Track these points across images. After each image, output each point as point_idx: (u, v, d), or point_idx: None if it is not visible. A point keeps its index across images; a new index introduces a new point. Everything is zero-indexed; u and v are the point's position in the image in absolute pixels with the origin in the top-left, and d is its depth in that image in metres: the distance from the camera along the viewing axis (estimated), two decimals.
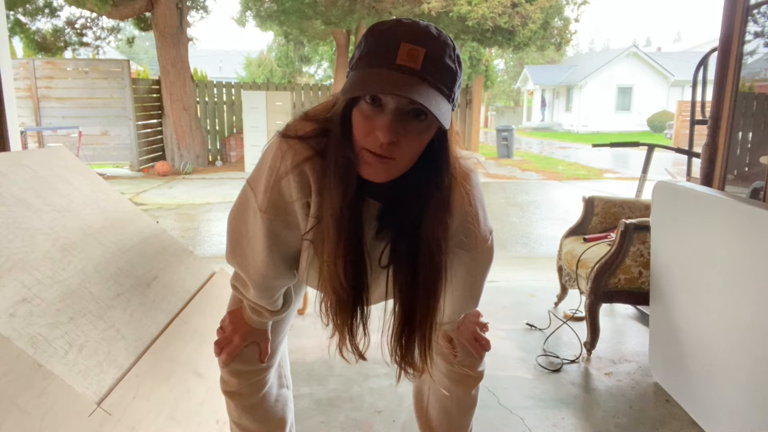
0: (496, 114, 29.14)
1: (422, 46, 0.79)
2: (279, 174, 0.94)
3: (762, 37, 2.39)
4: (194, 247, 4.51)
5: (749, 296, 1.51)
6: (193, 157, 9.73)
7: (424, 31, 0.81)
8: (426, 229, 0.91)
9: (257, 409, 1.19)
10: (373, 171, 0.85)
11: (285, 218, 0.98)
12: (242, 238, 1.04)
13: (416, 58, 0.79)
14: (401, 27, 0.81)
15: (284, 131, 0.95)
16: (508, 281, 3.37)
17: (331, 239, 0.91)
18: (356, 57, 0.84)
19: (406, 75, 0.78)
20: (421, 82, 0.79)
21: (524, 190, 8.02)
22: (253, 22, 11.89)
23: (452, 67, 0.82)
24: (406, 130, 0.82)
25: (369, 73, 0.80)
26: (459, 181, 0.93)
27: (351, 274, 0.93)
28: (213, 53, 31.41)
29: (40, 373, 1.13)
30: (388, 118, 0.80)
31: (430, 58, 0.79)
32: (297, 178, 0.93)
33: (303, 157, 0.92)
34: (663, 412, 1.89)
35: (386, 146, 0.81)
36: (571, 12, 11.75)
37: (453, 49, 0.83)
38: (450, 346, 1.20)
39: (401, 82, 0.78)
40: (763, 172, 1.96)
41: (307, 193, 0.94)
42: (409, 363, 1.00)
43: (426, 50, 0.79)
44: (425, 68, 0.79)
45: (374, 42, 0.82)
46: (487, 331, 1.24)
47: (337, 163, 0.87)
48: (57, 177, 1.79)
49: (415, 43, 0.79)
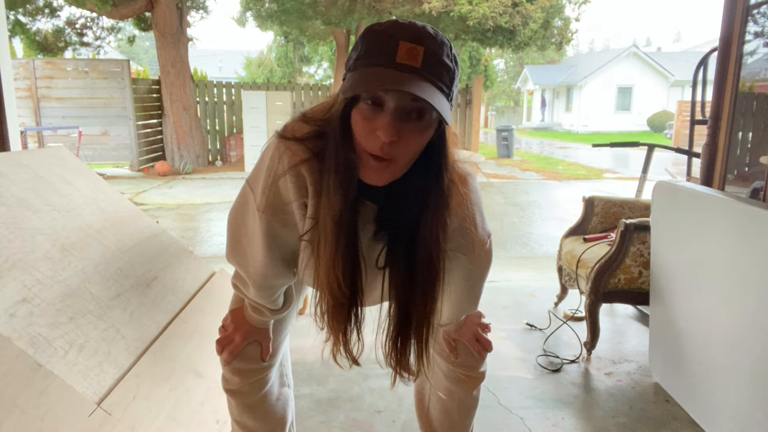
0: (496, 114, 29.13)
1: (421, 44, 0.79)
2: (276, 175, 0.94)
3: (762, 37, 2.39)
4: (194, 247, 4.51)
5: (749, 296, 1.51)
6: (193, 157, 9.74)
7: (422, 30, 0.81)
8: (424, 231, 0.90)
9: (258, 408, 1.19)
10: (374, 175, 0.85)
11: (283, 218, 0.98)
12: (242, 237, 1.04)
13: (416, 56, 0.79)
14: (399, 27, 0.81)
15: (282, 132, 0.95)
16: (508, 281, 3.37)
17: (329, 241, 0.91)
18: (353, 58, 0.84)
19: (407, 73, 0.78)
20: (422, 79, 0.79)
21: (524, 190, 8.02)
22: (253, 22, 11.89)
23: (450, 65, 0.83)
24: (407, 129, 0.82)
25: (369, 72, 0.80)
26: (457, 183, 0.93)
27: (348, 275, 0.93)
28: (213, 53, 31.41)
29: (40, 373, 1.13)
30: (388, 117, 0.80)
31: (429, 56, 0.80)
32: (294, 179, 0.93)
33: (300, 158, 0.92)
34: (663, 412, 1.89)
35: (387, 146, 0.81)
36: (571, 11, 11.77)
37: (450, 48, 0.83)
38: (451, 347, 1.20)
39: (402, 80, 0.78)
40: (763, 172, 1.96)
41: (304, 194, 0.94)
42: (403, 367, 1.01)
43: (425, 48, 0.79)
44: (425, 66, 0.79)
45: (372, 42, 0.82)
46: (489, 332, 1.24)
47: (337, 164, 0.87)
48: (57, 177, 1.79)
49: (414, 42, 0.79)
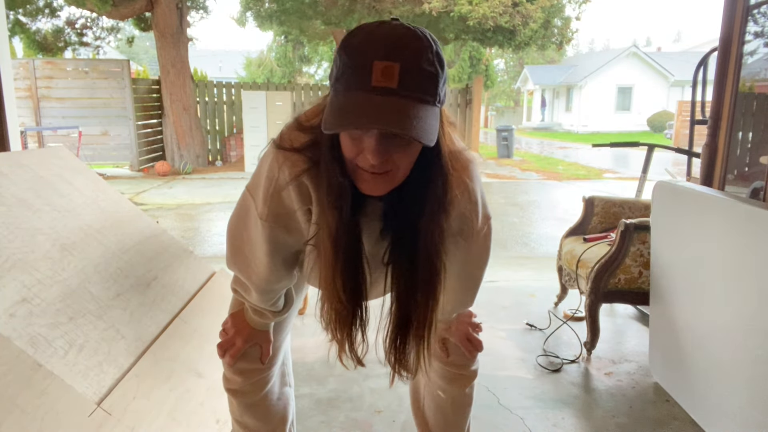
0: (496, 114, 29.14)
1: (396, 61, 0.75)
2: (278, 185, 0.94)
3: (762, 37, 2.39)
4: (194, 247, 4.51)
5: (749, 296, 1.51)
6: (193, 157, 9.73)
7: (397, 42, 0.77)
8: (425, 227, 0.90)
9: (259, 407, 1.20)
10: (371, 187, 0.85)
11: (287, 224, 0.98)
12: (244, 245, 1.04)
13: (391, 75, 0.75)
14: (372, 41, 0.77)
15: (279, 142, 0.94)
16: (508, 281, 3.37)
17: (329, 257, 0.91)
18: (334, 76, 0.81)
19: (385, 96, 0.75)
20: (400, 100, 0.76)
21: (524, 190, 8.01)
22: (253, 22, 11.89)
23: (432, 71, 0.78)
24: (395, 146, 0.80)
25: (346, 99, 0.78)
26: (458, 172, 0.92)
27: (349, 288, 0.93)
28: (213, 53, 31.41)
29: (40, 373, 1.13)
30: (373, 140, 0.79)
31: (406, 72, 0.76)
32: (296, 189, 0.93)
33: (300, 169, 0.91)
34: (663, 412, 1.89)
35: (378, 165, 0.80)
36: (572, 11, 11.75)
37: (430, 49, 0.78)
38: (442, 346, 1.20)
39: (379, 108, 0.75)
40: (763, 172, 1.95)
41: (307, 201, 0.94)
42: (403, 366, 1.00)
43: (401, 65, 0.75)
44: (402, 83, 0.76)
45: (348, 61, 0.78)
46: (481, 332, 1.23)
47: (330, 185, 0.87)
48: (57, 177, 1.79)
49: (389, 59, 0.75)
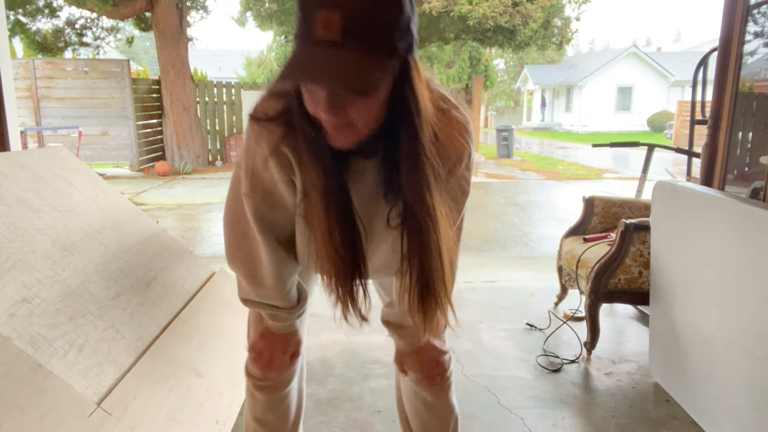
0: (496, 114, 29.14)
1: (338, 10, 0.70)
2: (260, 157, 0.93)
3: (762, 37, 2.39)
4: (194, 247, 4.51)
5: (749, 296, 1.51)
6: (193, 157, 9.73)
7: None
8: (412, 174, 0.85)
9: (283, 403, 1.22)
10: (337, 141, 0.83)
11: (269, 201, 0.98)
12: (240, 235, 1.05)
13: (333, 27, 0.70)
14: None
15: (253, 114, 0.92)
16: (508, 281, 3.37)
17: (321, 213, 0.90)
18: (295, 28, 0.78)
19: (330, 50, 0.71)
20: (345, 53, 0.71)
21: (524, 190, 8.01)
22: (253, 22, 11.89)
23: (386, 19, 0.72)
24: (350, 101, 0.76)
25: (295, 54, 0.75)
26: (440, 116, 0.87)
27: (346, 241, 0.92)
28: (213, 53, 31.42)
29: (40, 373, 1.13)
30: (324, 95, 0.76)
31: (350, 21, 0.70)
32: (276, 159, 0.92)
33: (277, 136, 0.90)
34: (663, 412, 1.89)
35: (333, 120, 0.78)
36: (572, 11, 11.75)
37: None
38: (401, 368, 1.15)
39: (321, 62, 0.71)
40: (763, 172, 1.95)
41: (289, 170, 0.93)
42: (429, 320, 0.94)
43: (343, 14, 0.70)
44: (347, 35, 0.70)
45: (300, 11, 0.75)
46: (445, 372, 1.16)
47: (305, 139, 0.85)
48: (57, 177, 1.79)
49: (331, 8, 0.70)
